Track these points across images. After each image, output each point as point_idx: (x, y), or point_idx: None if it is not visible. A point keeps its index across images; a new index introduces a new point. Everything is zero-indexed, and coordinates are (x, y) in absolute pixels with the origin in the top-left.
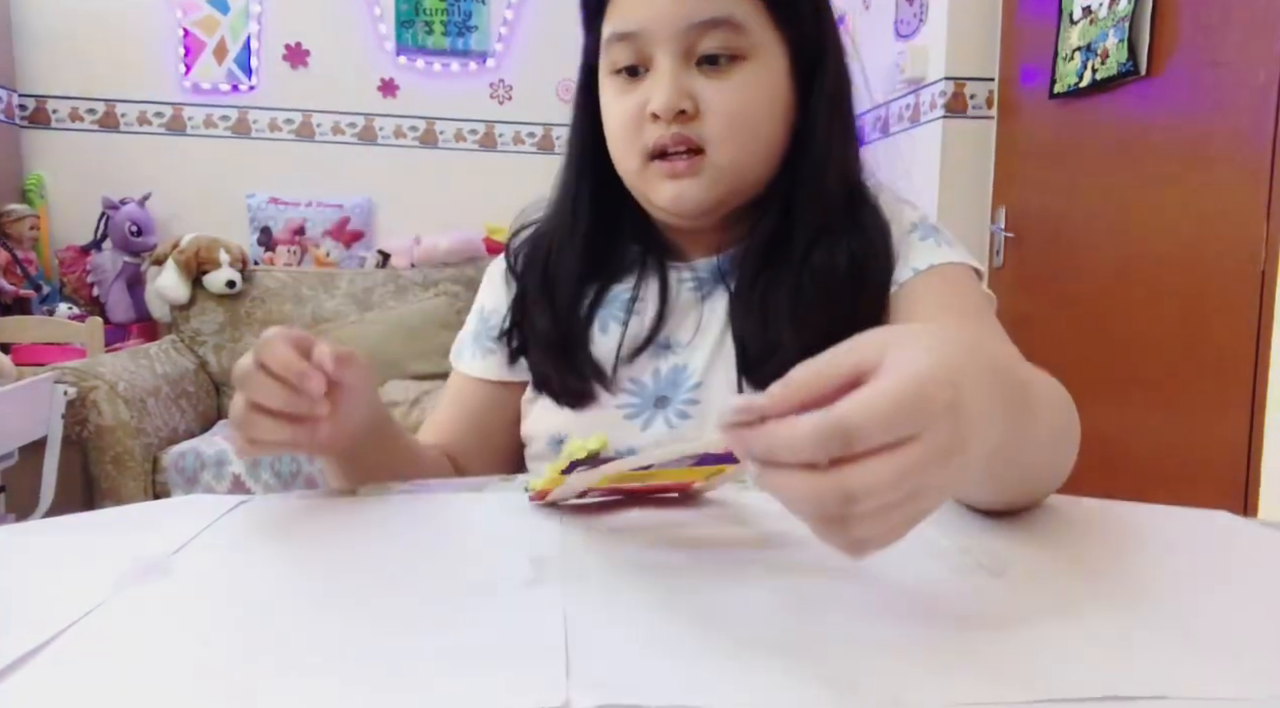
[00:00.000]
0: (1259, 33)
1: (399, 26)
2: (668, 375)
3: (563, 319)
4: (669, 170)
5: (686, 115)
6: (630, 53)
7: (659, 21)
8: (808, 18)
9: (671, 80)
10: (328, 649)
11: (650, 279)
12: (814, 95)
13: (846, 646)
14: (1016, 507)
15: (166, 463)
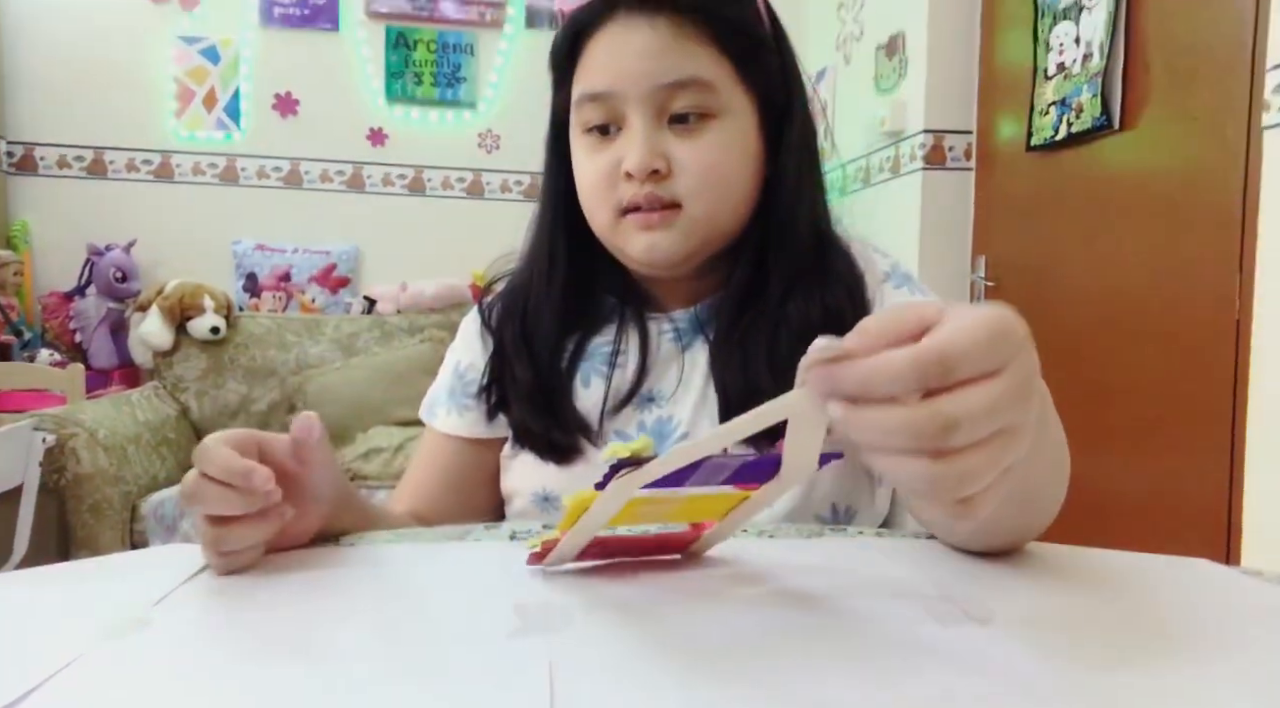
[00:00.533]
0: (1228, 89)
1: (389, 77)
2: (653, 427)
3: (543, 372)
4: (643, 222)
5: (660, 174)
6: (602, 112)
7: (630, 82)
8: (774, 73)
9: (644, 141)
10: (310, 702)
11: (630, 331)
12: (783, 147)
13: (833, 694)
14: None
15: (145, 511)
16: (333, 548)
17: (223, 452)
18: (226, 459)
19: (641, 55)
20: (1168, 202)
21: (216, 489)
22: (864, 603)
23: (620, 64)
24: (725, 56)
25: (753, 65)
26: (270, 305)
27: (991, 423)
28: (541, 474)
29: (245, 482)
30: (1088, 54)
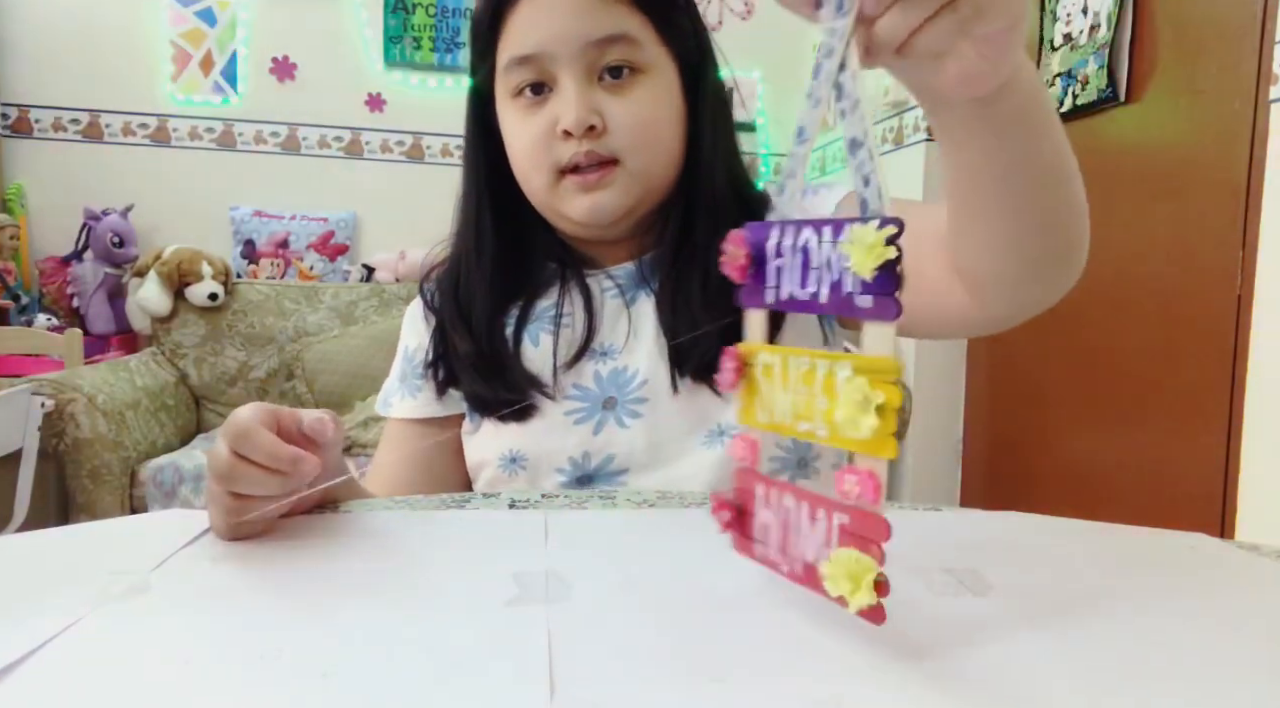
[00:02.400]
0: (1234, 61)
1: (387, 42)
2: (610, 377)
3: (483, 338)
4: (582, 183)
5: (595, 131)
6: (532, 73)
7: (559, 41)
8: (688, 33)
9: (580, 97)
10: (308, 668)
11: (572, 291)
12: (700, 106)
13: (829, 666)
14: (1036, 238)
15: (144, 477)
16: (331, 515)
17: (266, 437)
18: (273, 446)
19: (569, 14)
20: (1171, 175)
21: (257, 473)
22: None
23: (548, 25)
24: (645, 15)
25: (669, 24)
26: (268, 272)
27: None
28: (505, 437)
29: (294, 469)
30: (1095, 25)
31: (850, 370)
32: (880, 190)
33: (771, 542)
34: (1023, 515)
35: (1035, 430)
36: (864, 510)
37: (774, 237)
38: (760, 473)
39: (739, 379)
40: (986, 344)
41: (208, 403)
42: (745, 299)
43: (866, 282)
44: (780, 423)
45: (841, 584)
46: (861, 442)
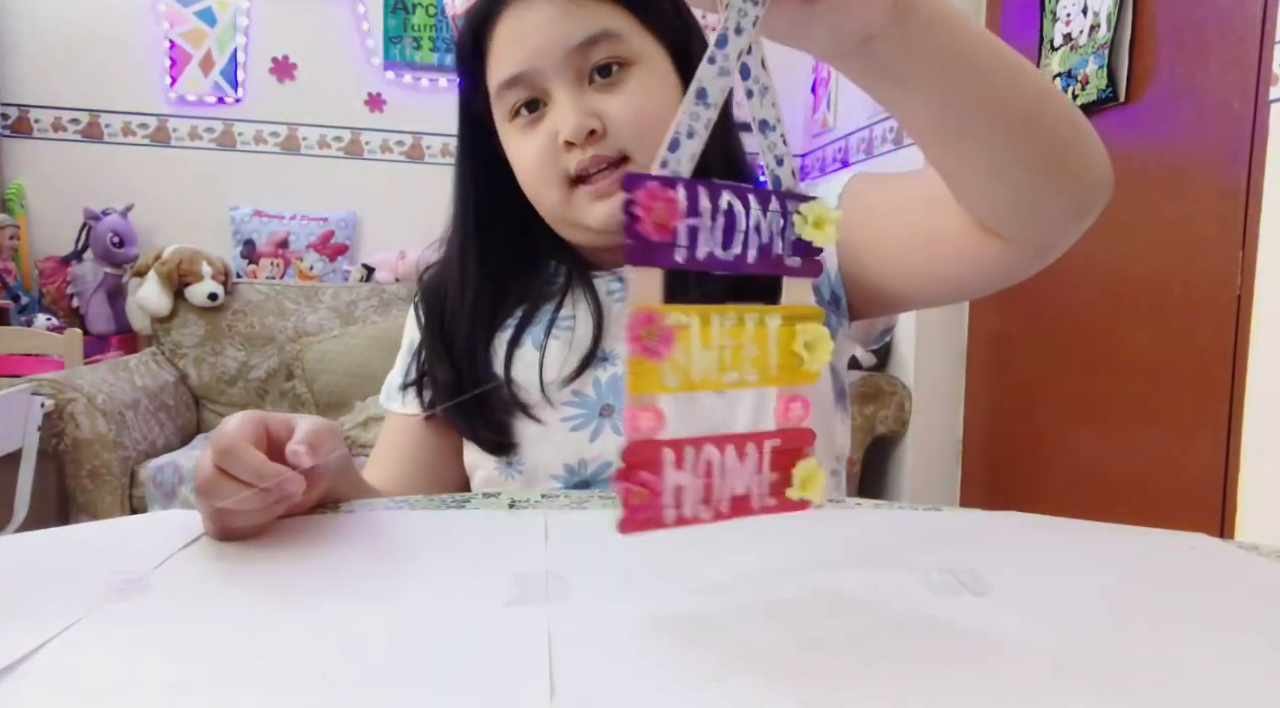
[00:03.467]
0: (1235, 61)
1: (387, 42)
2: (609, 384)
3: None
4: (594, 192)
5: (597, 135)
6: (523, 92)
7: (542, 54)
8: (670, 16)
9: (574, 105)
10: (308, 669)
11: (578, 294)
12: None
13: (830, 667)
14: (1015, 145)
15: (144, 477)
16: (331, 515)
17: (252, 455)
18: (258, 464)
19: (546, 25)
20: (1171, 175)
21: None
22: (860, 574)
23: (528, 41)
24: (622, 6)
25: (649, 11)
26: (268, 272)
27: None
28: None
29: (279, 489)
30: (1095, 25)
31: (781, 319)
32: (793, 171)
33: (688, 500)
34: (1023, 515)
35: (1035, 430)
36: (794, 429)
37: (682, 194)
38: (664, 440)
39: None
40: (986, 344)
41: (208, 403)
42: (648, 257)
43: (799, 245)
44: (702, 381)
45: (800, 490)
46: (805, 373)
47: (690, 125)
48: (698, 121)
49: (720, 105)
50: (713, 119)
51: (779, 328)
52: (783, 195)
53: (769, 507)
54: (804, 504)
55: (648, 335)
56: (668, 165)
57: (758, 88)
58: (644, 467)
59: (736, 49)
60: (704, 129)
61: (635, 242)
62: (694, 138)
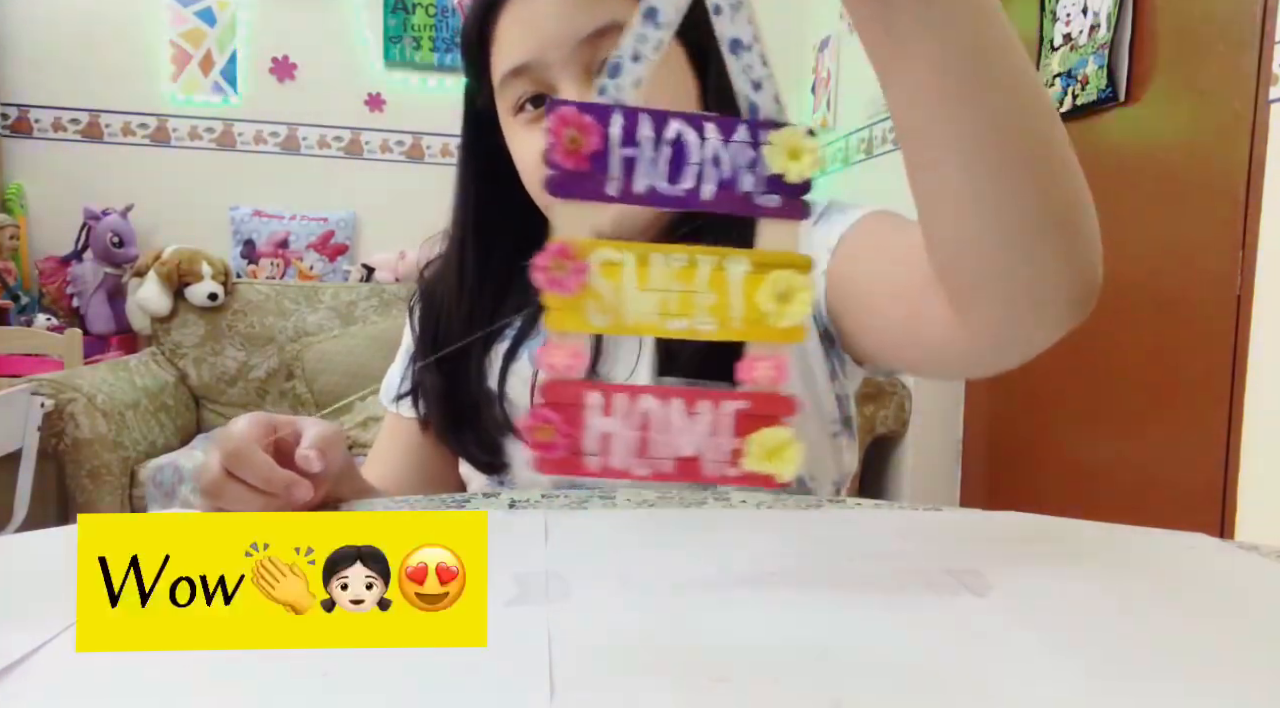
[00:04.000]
0: (1235, 62)
1: (387, 42)
2: None
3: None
4: None
5: None
6: (528, 84)
7: (549, 46)
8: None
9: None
10: (307, 667)
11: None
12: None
13: (829, 666)
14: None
15: (144, 477)
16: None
17: (262, 460)
18: (268, 470)
19: (555, 16)
20: (1171, 175)
21: (247, 493)
22: (861, 575)
23: (536, 32)
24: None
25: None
26: (268, 272)
27: None
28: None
29: (286, 494)
30: (1095, 25)
31: (749, 265)
32: (775, 96)
33: (617, 451)
34: (1023, 515)
35: (1035, 430)
36: (767, 393)
37: (618, 122)
38: (590, 381)
39: (583, 279)
40: None
41: (207, 403)
42: (568, 188)
43: (775, 181)
44: (636, 324)
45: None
46: (773, 329)
47: (636, 48)
48: (645, 44)
49: (674, 25)
50: (664, 40)
51: (745, 274)
52: (753, 124)
53: (726, 476)
54: (768, 480)
55: (556, 268)
56: (606, 92)
57: (728, 4)
58: (559, 407)
59: None
60: (653, 52)
61: (553, 172)
62: (640, 62)
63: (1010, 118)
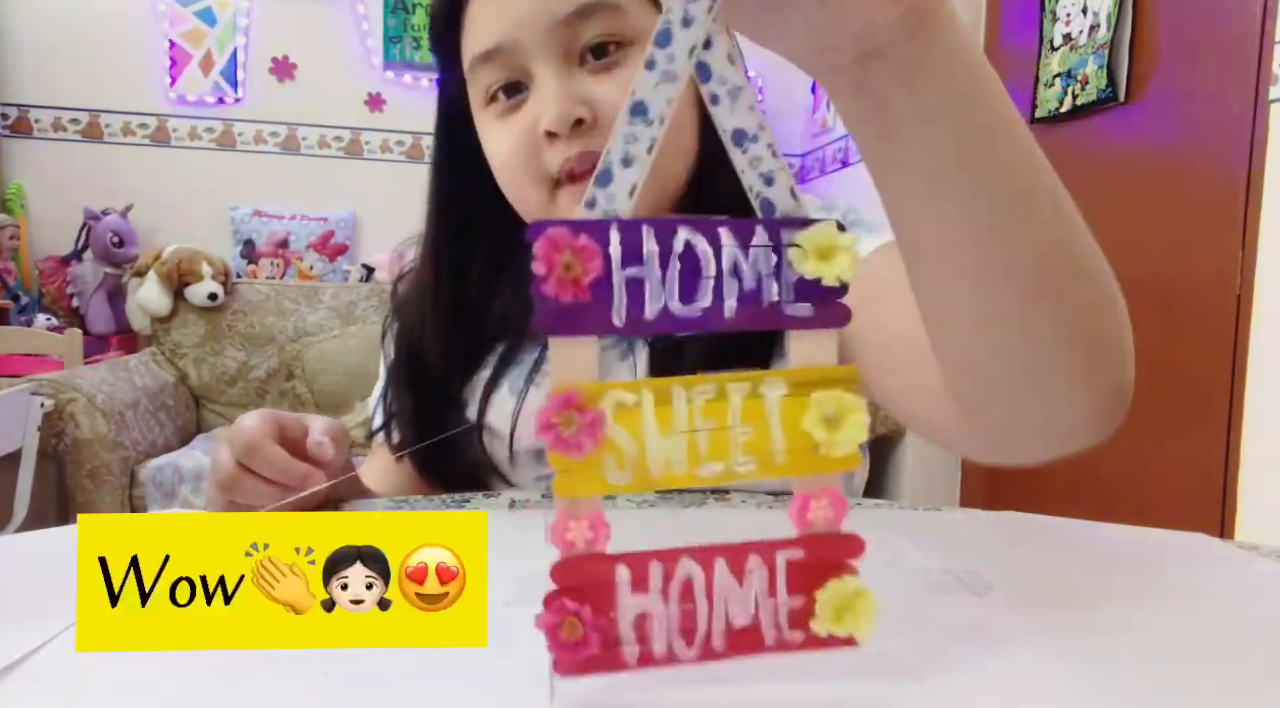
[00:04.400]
0: (1235, 62)
1: (386, 42)
2: None
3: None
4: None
5: (585, 125)
6: (502, 70)
7: (524, 25)
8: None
9: (559, 89)
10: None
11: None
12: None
13: (830, 666)
14: (1015, 292)
15: (144, 477)
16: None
17: (276, 453)
18: (283, 463)
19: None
20: (1171, 175)
21: (262, 486)
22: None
23: (509, 11)
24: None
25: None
26: (268, 272)
27: None
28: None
29: (301, 484)
30: (1095, 25)
31: (786, 388)
32: (790, 189)
33: (658, 633)
34: (1023, 515)
35: None
36: (826, 535)
37: (617, 240)
38: (616, 554)
39: (600, 433)
40: None
41: (207, 403)
42: (564, 325)
43: (803, 285)
44: (665, 476)
45: (835, 621)
46: (826, 461)
47: (627, 150)
48: (637, 144)
49: (667, 119)
50: (658, 139)
51: (783, 399)
52: (773, 224)
53: (792, 643)
54: (848, 641)
55: (564, 424)
56: (597, 204)
57: (725, 91)
58: (583, 590)
59: (686, 45)
60: (647, 154)
61: (544, 306)
62: (633, 166)
63: (1018, 217)
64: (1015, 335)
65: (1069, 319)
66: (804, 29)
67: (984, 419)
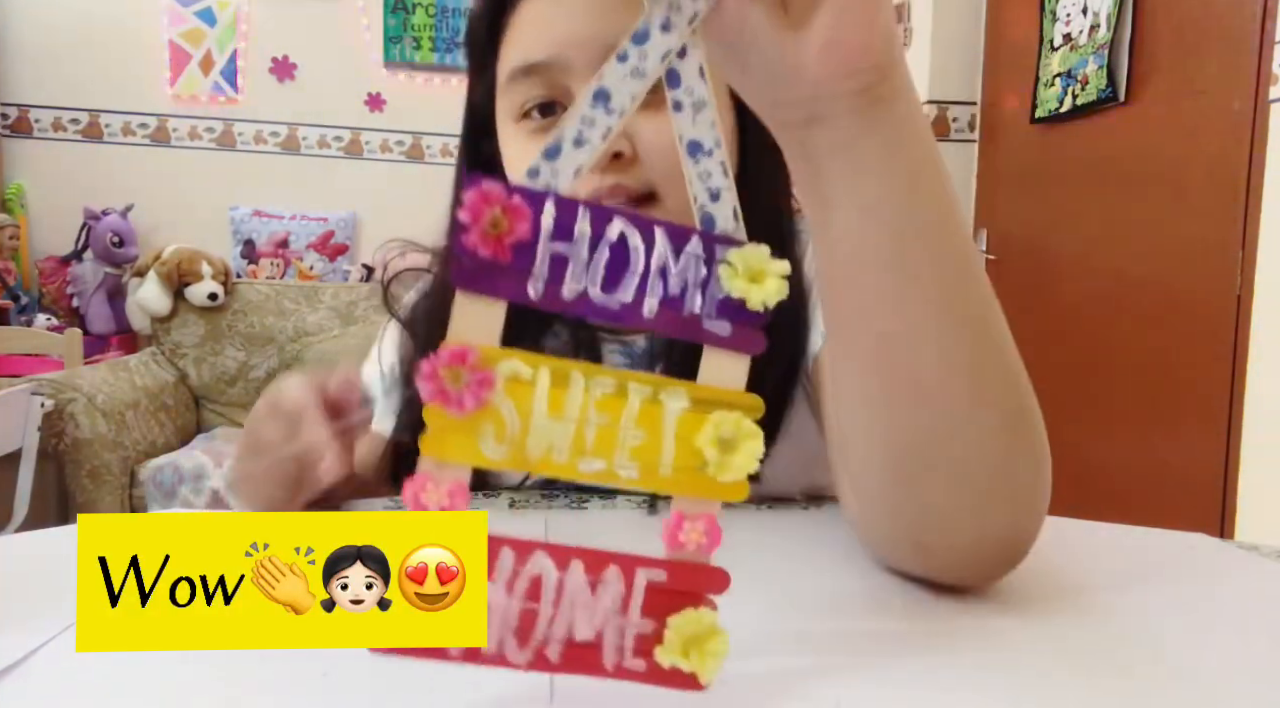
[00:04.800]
0: (1235, 62)
1: (387, 41)
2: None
3: None
4: None
5: (623, 159)
6: (541, 87)
7: (575, 46)
8: None
9: None
10: (309, 668)
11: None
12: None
13: (830, 666)
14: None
15: (144, 477)
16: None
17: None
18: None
19: (586, 13)
20: (1171, 176)
21: (326, 429)
22: (861, 573)
23: (561, 27)
24: None
25: None
26: (268, 272)
27: None
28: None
29: (358, 418)
30: (1095, 25)
31: (688, 401)
32: (736, 210)
33: (492, 627)
34: None
35: None
36: (692, 563)
37: (550, 212)
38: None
39: (485, 394)
40: None
41: (207, 403)
42: (478, 281)
43: (728, 305)
44: (543, 460)
45: (680, 653)
46: (713, 484)
47: (580, 131)
48: (593, 129)
49: (627, 113)
50: (613, 128)
51: (682, 411)
52: (710, 237)
53: (630, 671)
54: (686, 680)
55: (451, 378)
56: (539, 174)
57: (690, 100)
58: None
59: (661, 49)
60: (599, 139)
61: (463, 258)
62: (583, 147)
63: (936, 312)
64: (898, 431)
65: (970, 412)
66: (762, 73)
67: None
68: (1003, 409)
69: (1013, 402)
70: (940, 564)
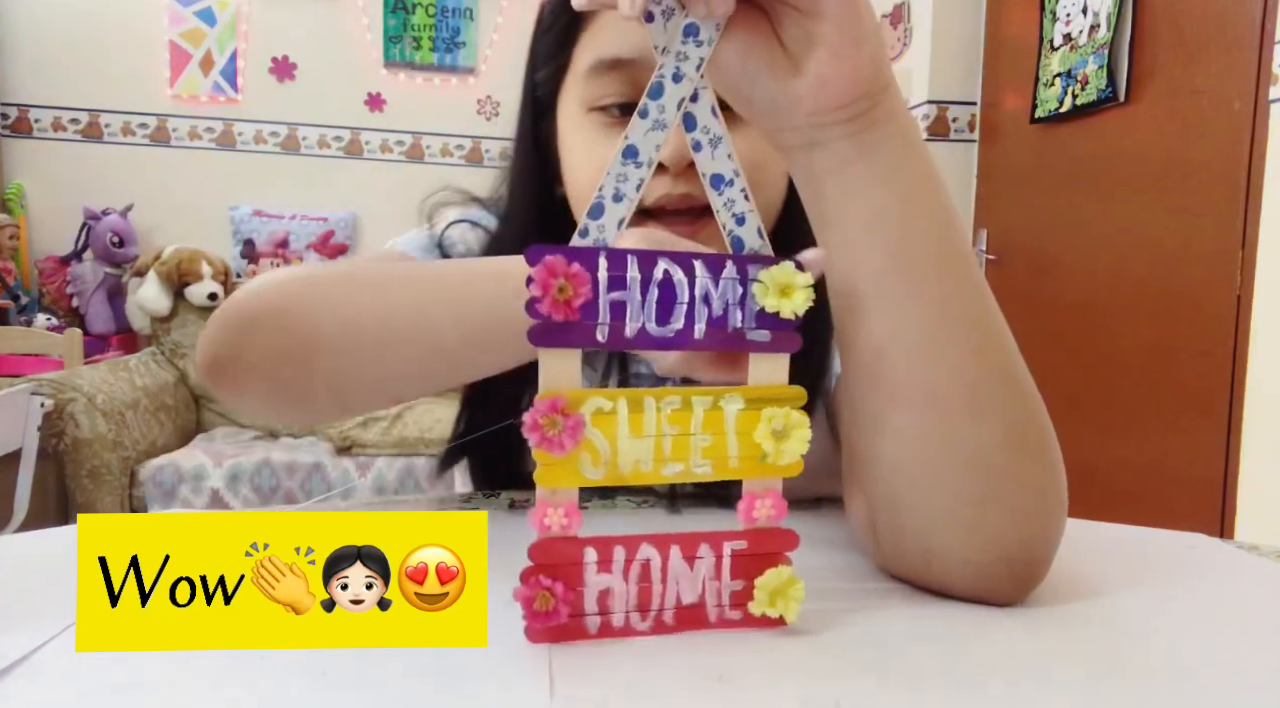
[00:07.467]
0: (1235, 62)
1: (387, 41)
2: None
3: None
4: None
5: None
6: (625, 84)
7: None
8: None
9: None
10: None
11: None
12: None
13: (830, 666)
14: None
15: (144, 477)
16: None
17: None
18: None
19: None
20: (1171, 175)
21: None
22: (861, 573)
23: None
24: None
25: None
26: None
27: None
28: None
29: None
30: (1095, 25)
31: (743, 402)
32: (759, 229)
33: (618, 607)
34: None
35: None
36: (767, 530)
37: (604, 267)
38: (585, 537)
39: (580, 434)
40: None
41: (207, 403)
42: (552, 339)
43: (764, 316)
44: (634, 473)
45: (769, 603)
46: (772, 467)
47: (617, 187)
48: (626, 183)
49: (654, 162)
50: (645, 179)
51: (739, 413)
52: (741, 260)
53: (731, 621)
54: (776, 622)
55: (550, 427)
56: (588, 233)
57: (707, 138)
58: (556, 569)
59: (676, 99)
60: (635, 191)
61: (536, 322)
62: (622, 202)
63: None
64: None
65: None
66: (765, 105)
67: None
68: (1005, 422)
69: (1016, 415)
70: (951, 578)
